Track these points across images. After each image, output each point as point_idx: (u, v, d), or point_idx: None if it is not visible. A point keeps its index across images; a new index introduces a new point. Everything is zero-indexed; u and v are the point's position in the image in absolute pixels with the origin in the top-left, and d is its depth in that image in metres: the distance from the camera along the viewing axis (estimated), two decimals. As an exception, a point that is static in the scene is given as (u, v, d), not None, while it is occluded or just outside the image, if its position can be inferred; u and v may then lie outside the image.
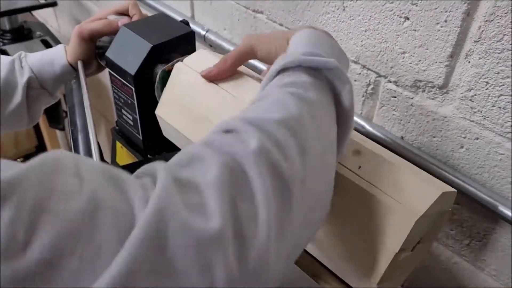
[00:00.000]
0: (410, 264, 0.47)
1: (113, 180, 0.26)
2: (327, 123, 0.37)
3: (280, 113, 0.33)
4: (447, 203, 0.45)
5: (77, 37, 0.62)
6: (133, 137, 0.65)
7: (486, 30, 0.46)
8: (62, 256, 0.22)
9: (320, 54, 0.39)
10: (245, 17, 0.73)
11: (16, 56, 0.64)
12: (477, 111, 0.51)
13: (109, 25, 0.61)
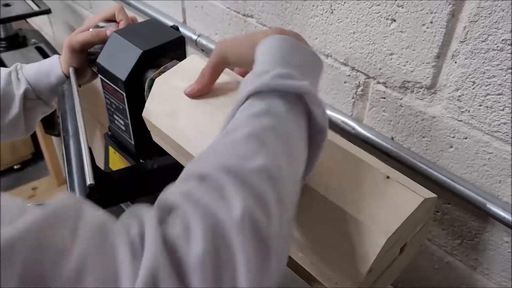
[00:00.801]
0: (394, 270, 0.47)
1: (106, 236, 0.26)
2: (301, 154, 0.36)
3: (259, 159, 0.31)
4: (428, 207, 0.45)
5: (68, 50, 0.63)
6: (125, 142, 0.66)
7: (471, 31, 0.47)
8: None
9: (293, 75, 0.37)
10: (236, 21, 0.74)
11: (13, 68, 0.65)
12: (464, 110, 0.51)
13: (97, 35, 0.62)
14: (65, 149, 0.53)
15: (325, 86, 0.65)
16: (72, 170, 0.50)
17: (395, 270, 0.47)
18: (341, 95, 0.64)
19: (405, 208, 0.41)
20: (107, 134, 0.69)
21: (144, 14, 0.91)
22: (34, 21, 1.56)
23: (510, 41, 0.44)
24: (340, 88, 0.63)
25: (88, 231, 0.26)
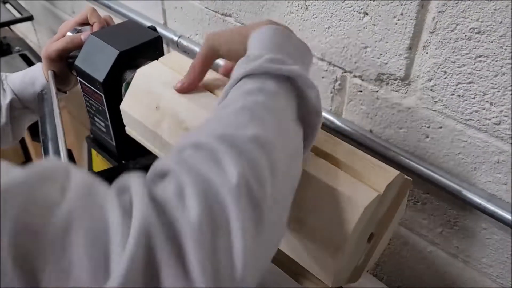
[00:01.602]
0: (368, 255, 0.47)
1: (95, 197, 0.26)
2: (293, 132, 0.37)
3: (252, 129, 0.32)
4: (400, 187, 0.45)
5: (46, 60, 0.64)
6: (107, 144, 0.66)
7: (440, 21, 0.48)
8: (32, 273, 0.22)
9: (285, 60, 0.38)
10: (215, 21, 0.75)
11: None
12: (438, 100, 0.52)
13: (72, 41, 0.62)
14: (44, 152, 0.53)
15: (304, 81, 0.66)
16: (51, 172, 0.50)
17: (370, 255, 0.47)
18: (320, 90, 0.64)
19: (380, 184, 0.41)
20: (89, 137, 0.69)
21: (125, 17, 0.91)
22: (18, 29, 1.55)
23: (477, 29, 0.45)
24: (318, 83, 0.64)
25: (77, 189, 0.26)
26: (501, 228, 0.53)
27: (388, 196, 0.43)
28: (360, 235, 0.42)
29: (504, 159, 0.49)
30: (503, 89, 0.46)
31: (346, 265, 0.44)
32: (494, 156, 0.50)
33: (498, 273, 0.56)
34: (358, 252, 0.44)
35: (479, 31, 0.45)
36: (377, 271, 0.73)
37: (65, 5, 1.19)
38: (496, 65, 0.45)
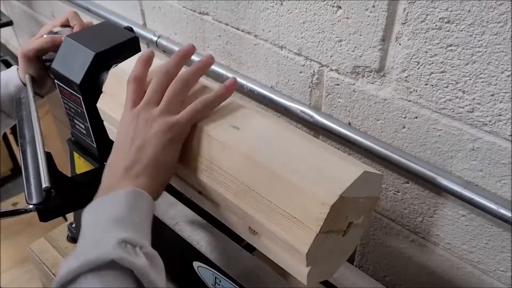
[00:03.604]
0: (342, 248, 0.46)
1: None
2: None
3: None
4: (370, 184, 0.44)
5: (23, 59, 0.63)
6: (88, 146, 0.66)
7: (411, 12, 0.48)
8: None
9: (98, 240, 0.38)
10: (193, 19, 0.75)
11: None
12: (412, 90, 0.53)
13: (51, 42, 0.62)
14: (22, 155, 0.53)
15: (282, 77, 0.66)
16: (29, 175, 0.50)
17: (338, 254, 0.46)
18: (298, 85, 0.65)
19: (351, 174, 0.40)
20: (70, 140, 0.69)
21: (104, 19, 0.91)
22: (1, 36, 1.54)
23: (447, 19, 0.46)
24: (296, 78, 0.65)
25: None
26: (479, 214, 0.54)
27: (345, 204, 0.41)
28: (324, 243, 0.41)
29: (478, 146, 0.50)
30: (474, 77, 0.47)
31: (326, 266, 0.44)
32: (469, 144, 0.51)
33: (479, 259, 0.57)
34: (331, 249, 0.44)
35: (448, 21, 0.46)
36: (362, 262, 0.73)
37: (45, 9, 1.18)
38: (467, 53, 0.46)
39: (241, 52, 0.71)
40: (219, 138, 0.44)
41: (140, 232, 0.40)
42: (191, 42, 0.79)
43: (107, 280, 0.35)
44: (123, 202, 0.40)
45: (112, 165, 0.45)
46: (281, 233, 0.40)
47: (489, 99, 0.46)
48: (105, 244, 0.37)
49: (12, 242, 1.60)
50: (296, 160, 0.41)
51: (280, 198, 0.40)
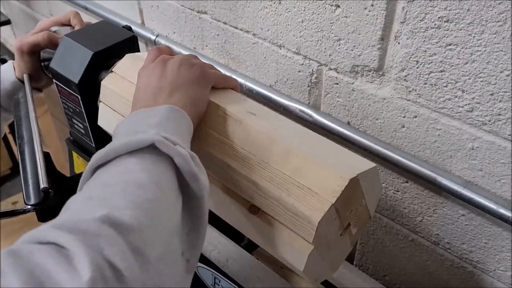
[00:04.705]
0: (341, 247, 0.46)
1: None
2: (166, 203, 0.33)
3: (101, 210, 0.29)
4: (374, 188, 0.45)
5: (18, 52, 0.62)
6: (86, 146, 0.65)
7: (410, 11, 0.48)
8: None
9: (138, 131, 0.36)
10: (191, 18, 0.74)
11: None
12: (411, 90, 0.52)
13: (47, 38, 0.61)
14: (20, 155, 0.53)
15: (281, 76, 0.66)
16: (27, 176, 0.50)
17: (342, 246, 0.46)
18: (297, 84, 0.65)
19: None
20: (69, 140, 0.69)
21: (103, 18, 0.91)
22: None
23: (446, 18, 0.46)
24: (295, 77, 0.64)
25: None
26: (479, 214, 0.54)
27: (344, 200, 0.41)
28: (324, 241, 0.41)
29: (478, 145, 0.50)
30: (473, 77, 0.46)
31: (320, 262, 0.44)
32: (468, 143, 0.50)
33: (479, 258, 0.57)
34: (331, 247, 0.44)
35: (447, 20, 0.45)
36: (362, 261, 0.73)
37: (43, 8, 1.18)
38: (466, 52, 0.46)
39: (239, 51, 0.70)
40: (236, 117, 0.45)
41: (180, 138, 0.38)
42: (189, 41, 0.79)
43: (146, 159, 0.34)
44: (162, 114, 0.39)
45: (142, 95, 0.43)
46: (294, 203, 0.40)
47: (488, 98, 0.46)
48: (146, 133, 0.35)
49: (11, 241, 1.60)
50: (313, 144, 0.43)
51: (296, 172, 0.41)
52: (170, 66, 0.45)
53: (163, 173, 0.34)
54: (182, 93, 0.43)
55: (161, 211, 0.32)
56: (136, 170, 0.33)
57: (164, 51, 0.48)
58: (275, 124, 0.45)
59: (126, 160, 0.34)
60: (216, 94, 0.48)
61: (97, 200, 0.30)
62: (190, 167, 0.35)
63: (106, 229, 0.28)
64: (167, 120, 0.38)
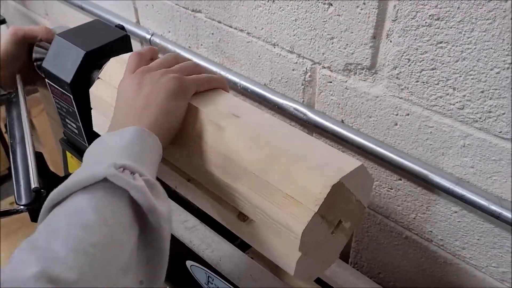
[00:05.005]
0: (331, 247, 0.46)
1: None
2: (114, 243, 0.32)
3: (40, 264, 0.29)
4: (363, 184, 0.44)
5: (11, 37, 0.62)
6: (80, 145, 0.66)
7: (401, 9, 0.48)
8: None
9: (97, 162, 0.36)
10: (186, 17, 0.74)
11: None
12: (404, 88, 0.52)
13: (45, 31, 0.62)
14: (12, 155, 0.53)
15: (275, 75, 0.66)
16: (18, 176, 0.50)
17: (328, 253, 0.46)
18: (291, 82, 0.65)
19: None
20: (63, 139, 0.69)
21: (98, 17, 0.91)
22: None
23: (436, 16, 0.46)
24: (289, 76, 0.64)
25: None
26: (471, 210, 0.54)
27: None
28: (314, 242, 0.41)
29: (469, 142, 0.50)
30: (464, 74, 0.47)
31: (312, 263, 0.44)
32: (460, 140, 0.51)
33: (471, 255, 0.57)
34: (323, 247, 0.44)
35: (438, 18, 0.46)
36: (357, 259, 0.74)
37: (38, 8, 1.17)
38: (457, 50, 0.46)
39: (234, 49, 0.70)
40: (219, 122, 0.44)
41: (143, 164, 0.37)
42: (184, 40, 0.79)
43: (98, 195, 0.33)
44: (128, 136, 0.38)
45: (118, 113, 0.43)
46: (278, 212, 0.39)
47: (479, 96, 0.46)
48: (99, 166, 0.34)
49: (10, 240, 1.60)
50: (296, 146, 0.42)
51: (278, 179, 0.40)
52: (146, 81, 0.44)
53: (114, 209, 0.33)
54: (154, 111, 0.42)
55: (108, 252, 0.31)
56: (84, 210, 0.32)
57: (144, 56, 0.48)
58: (259, 126, 0.44)
59: (78, 198, 0.33)
60: (201, 97, 0.47)
61: (39, 251, 0.30)
62: (146, 199, 0.34)
63: (43, 286, 0.27)
64: (131, 144, 0.37)
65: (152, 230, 0.35)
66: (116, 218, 0.33)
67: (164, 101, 0.43)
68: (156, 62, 0.47)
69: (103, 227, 0.32)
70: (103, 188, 0.33)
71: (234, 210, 0.44)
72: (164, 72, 0.45)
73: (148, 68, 0.46)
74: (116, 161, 0.35)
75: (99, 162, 0.35)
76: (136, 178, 0.35)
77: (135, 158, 0.36)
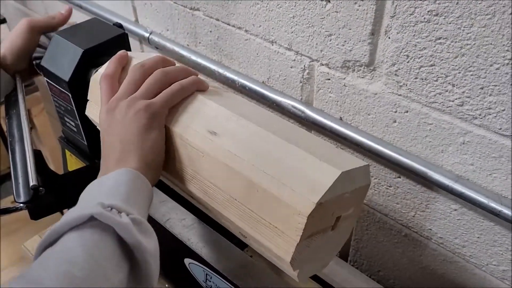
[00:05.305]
0: (332, 242, 0.45)
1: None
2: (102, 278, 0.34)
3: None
4: (354, 178, 0.42)
5: (24, 27, 0.63)
6: (79, 144, 0.65)
7: (399, 5, 0.48)
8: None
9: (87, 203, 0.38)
10: (184, 15, 0.74)
11: None
12: (402, 84, 0.52)
13: (55, 18, 0.62)
14: (11, 154, 0.53)
15: (274, 72, 0.66)
16: (17, 174, 0.50)
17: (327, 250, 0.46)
18: (290, 80, 0.64)
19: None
20: (62, 138, 0.69)
21: (97, 16, 0.91)
22: (-6, 33, 1.53)
23: (435, 12, 0.45)
24: (287, 73, 0.64)
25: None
26: (471, 208, 0.54)
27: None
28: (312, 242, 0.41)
29: (469, 140, 0.50)
30: (463, 70, 0.46)
31: (315, 263, 0.44)
32: (459, 138, 0.50)
33: (471, 253, 0.57)
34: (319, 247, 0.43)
35: (437, 13, 0.45)
36: (356, 257, 0.73)
37: (38, 7, 1.17)
38: (456, 46, 0.46)
39: (232, 47, 0.70)
40: (197, 147, 0.43)
41: (130, 203, 0.38)
42: (182, 38, 0.78)
43: (85, 234, 0.35)
44: (116, 178, 0.40)
45: (104, 160, 0.45)
46: (265, 241, 0.40)
47: (478, 92, 0.46)
48: (87, 205, 0.36)
49: (10, 240, 1.60)
50: (274, 166, 0.39)
51: (260, 208, 0.39)
52: (116, 121, 0.44)
53: (101, 245, 0.35)
54: (134, 152, 0.42)
55: (95, 286, 0.33)
56: (73, 247, 0.34)
57: (115, 75, 0.47)
58: (237, 144, 0.42)
59: (67, 237, 0.35)
60: (177, 115, 0.45)
61: (30, 285, 0.32)
62: (131, 236, 0.35)
63: None
64: (118, 185, 0.39)
65: (139, 264, 0.36)
66: (103, 254, 0.35)
67: (141, 137, 0.43)
68: (123, 86, 0.46)
69: (90, 261, 0.34)
70: (91, 227, 0.35)
71: (236, 227, 0.44)
72: (130, 103, 0.44)
73: (116, 99, 0.45)
74: (104, 201, 0.37)
75: (87, 203, 0.38)
76: (122, 216, 0.36)
77: (122, 198, 0.38)
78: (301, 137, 0.43)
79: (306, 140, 0.43)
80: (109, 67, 0.48)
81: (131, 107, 0.44)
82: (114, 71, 0.48)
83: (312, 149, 0.41)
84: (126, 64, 0.51)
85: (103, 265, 0.34)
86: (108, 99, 0.46)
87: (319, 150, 0.41)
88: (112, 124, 0.44)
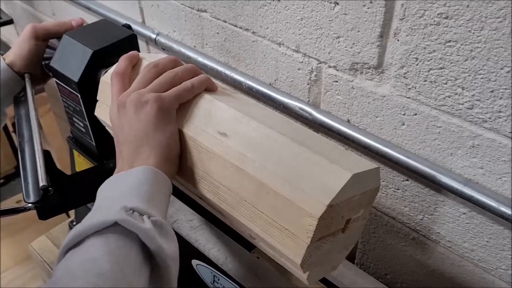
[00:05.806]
0: (341, 245, 0.45)
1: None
2: (127, 285, 0.35)
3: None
4: (364, 181, 0.41)
5: (29, 33, 0.63)
6: (87, 144, 0.66)
7: (409, 8, 0.48)
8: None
9: (110, 204, 0.38)
10: (191, 17, 0.74)
11: None
12: (411, 87, 0.52)
13: (62, 25, 0.63)
14: (20, 154, 0.53)
15: (281, 74, 0.66)
16: (27, 174, 0.50)
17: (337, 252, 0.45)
18: (297, 82, 0.64)
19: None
20: (70, 138, 0.69)
21: (104, 17, 0.91)
22: (1, 33, 1.54)
23: (445, 14, 0.45)
24: (295, 75, 0.64)
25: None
26: (480, 212, 0.53)
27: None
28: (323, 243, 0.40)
29: (478, 143, 0.49)
30: (473, 73, 0.46)
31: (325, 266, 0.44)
32: (469, 141, 0.50)
33: (480, 257, 0.56)
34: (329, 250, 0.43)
35: (447, 16, 0.45)
36: (363, 260, 0.73)
37: (45, 8, 1.18)
38: (466, 49, 0.45)
39: (239, 49, 0.70)
40: (208, 148, 0.43)
41: (151, 204, 0.39)
42: (189, 39, 0.79)
43: (110, 240, 0.35)
44: (137, 177, 0.40)
45: (120, 156, 0.45)
46: (275, 243, 0.39)
47: (488, 95, 0.46)
48: (111, 210, 0.37)
49: (15, 240, 1.61)
50: (285, 168, 0.39)
51: (271, 209, 0.39)
52: (127, 114, 0.44)
53: (126, 252, 0.36)
54: (150, 146, 0.42)
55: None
56: (100, 257, 0.34)
57: (125, 73, 0.48)
58: (247, 145, 0.42)
59: (92, 242, 0.35)
60: (186, 114, 0.45)
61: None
62: (153, 242, 0.36)
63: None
64: (140, 185, 0.39)
65: (160, 268, 0.37)
66: (128, 261, 0.35)
67: (154, 133, 0.43)
68: (134, 83, 0.46)
69: (117, 271, 0.34)
70: (115, 232, 0.36)
71: (245, 229, 0.44)
72: (139, 96, 0.44)
73: (127, 95, 0.45)
74: (126, 204, 0.37)
75: (110, 206, 0.38)
76: (145, 220, 0.37)
77: (144, 199, 0.39)
78: (311, 139, 0.43)
79: (316, 142, 0.43)
80: (120, 65, 0.49)
81: (141, 100, 0.44)
82: (125, 69, 0.48)
83: (323, 151, 0.40)
84: (136, 64, 0.51)
85: (127, 272, 0.35)
86: (119, 95, 0.46)
87: (329, 152, 0.41)
88: (124, 119, 0.44)
